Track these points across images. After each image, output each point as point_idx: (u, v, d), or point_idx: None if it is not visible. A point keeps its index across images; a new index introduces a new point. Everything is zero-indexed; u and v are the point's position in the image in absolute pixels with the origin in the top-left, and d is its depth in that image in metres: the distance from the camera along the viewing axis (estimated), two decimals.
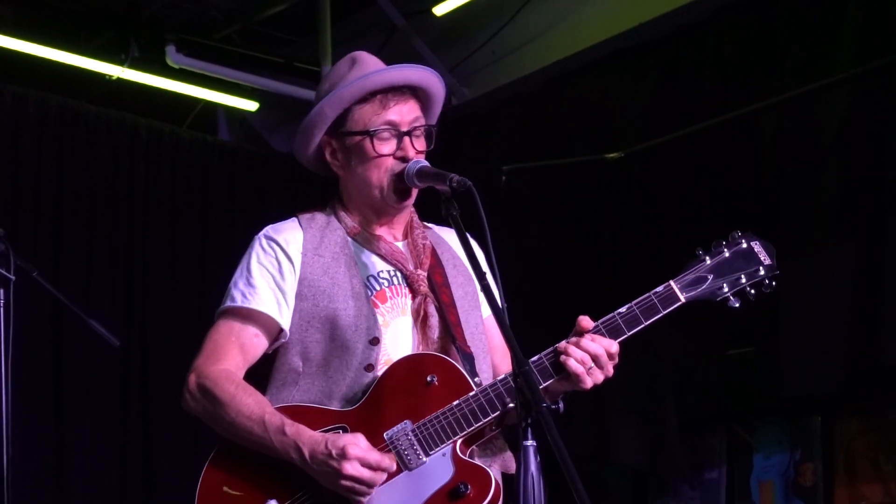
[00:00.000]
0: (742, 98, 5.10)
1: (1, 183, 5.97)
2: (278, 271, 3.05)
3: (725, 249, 3.00)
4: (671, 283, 2.94)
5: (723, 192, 5.19)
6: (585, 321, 2.90)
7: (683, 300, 2.93)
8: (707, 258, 2.98)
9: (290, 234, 3.10)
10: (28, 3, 5.90)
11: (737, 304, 2.97)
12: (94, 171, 6.29)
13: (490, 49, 6.13)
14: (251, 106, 6.72)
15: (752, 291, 2.99)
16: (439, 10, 6.04)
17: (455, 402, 2.88)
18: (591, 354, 2.84)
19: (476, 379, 2.94)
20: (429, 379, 2.92)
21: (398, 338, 3.01)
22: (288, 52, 6.54)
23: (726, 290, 2.96)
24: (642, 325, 2.92)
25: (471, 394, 2.89)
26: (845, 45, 4.79)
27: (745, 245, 3.01)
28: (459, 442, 2.89)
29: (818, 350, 4.76)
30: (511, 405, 2.84)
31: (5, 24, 5.79)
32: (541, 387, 2.83)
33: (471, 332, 3.07)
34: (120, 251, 6.33)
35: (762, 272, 2.99)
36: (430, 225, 3.24)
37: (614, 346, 2.89)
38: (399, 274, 3.06)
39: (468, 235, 2.79)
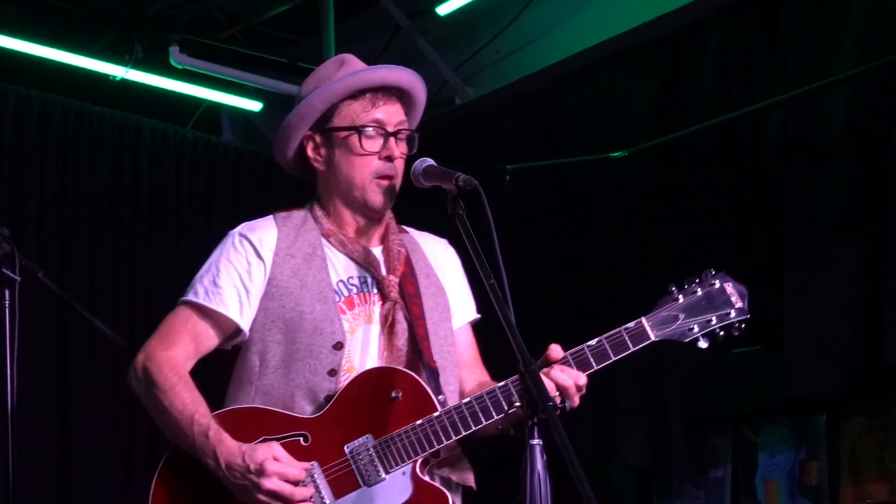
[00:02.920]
0: (746, 97, 5.09)
1: (5, 184, 5.97)
2: (247, 271, 3.05)
3: (698, 289, 2.98)
4: (643, 320, 2.93)
5: (727, 191, 5.18)
6: (555, 351, 2.88)
7: (654, 338, 2.93)
8: (680, 296, 2.96)
9: (264, 233, 3.10)
10: (32, 3, 5.89)
11: (705, 345, 2.96)
12: (98, 171, 6.29)
13: (494, 48, 6.12)
14: (255, 106, 6.72)
15: (722, 333, 2.98)
16: (443, 10, 6.04)
17: (419, 422, 2.87)
18: (559, 385, 2.82)
19: (440, 397, 2.93)
20: (393, 394, 2.90)
21: (363, 345, 3.00)
22: (292, 53, 6.54)
23: (696, 330, 2.95)
24: (611, 360, 2.91)
25: (435, 414, 2.88)
26: (850, 44, 4.77)
27: (717, 285, 2.99)
28: (420, 461, 2.89)
29: (823, 349, 4.74)
30: (475, 427, 2.86)
31: (9, 25, 5.79)
32: (509, 412, 2.85)
33: (439, 344, 3.06)
34: (124, 252, 6.33)
35: (733, 315, 2.98)
36: (407, 229, 3.23)
37: (582, 378, 2.87)
38: (370, 279, 3.05)
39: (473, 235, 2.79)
